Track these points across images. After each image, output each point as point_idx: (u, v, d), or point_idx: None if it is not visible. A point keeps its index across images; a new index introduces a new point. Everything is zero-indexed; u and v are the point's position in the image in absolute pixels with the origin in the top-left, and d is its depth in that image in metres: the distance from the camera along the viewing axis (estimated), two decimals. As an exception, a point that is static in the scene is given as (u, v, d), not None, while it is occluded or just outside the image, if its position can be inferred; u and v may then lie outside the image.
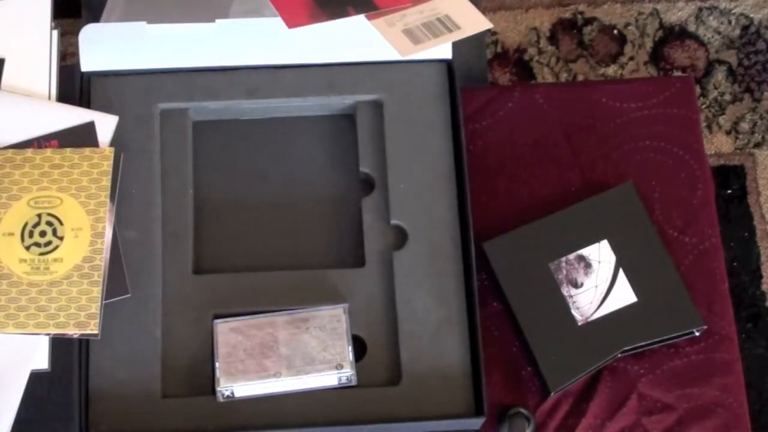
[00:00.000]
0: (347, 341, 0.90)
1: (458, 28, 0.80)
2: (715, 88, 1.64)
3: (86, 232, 0.91)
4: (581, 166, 1.03)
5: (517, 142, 1.04)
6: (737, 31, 1.68)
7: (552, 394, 0.95)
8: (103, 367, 0.91)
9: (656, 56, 1.66)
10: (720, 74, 1.65)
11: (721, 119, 1.63)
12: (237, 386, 0.89)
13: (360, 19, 0.97)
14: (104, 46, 0.98)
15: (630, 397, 0.96)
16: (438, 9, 0.80)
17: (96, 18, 1.05)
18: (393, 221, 0.96)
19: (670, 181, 1.03)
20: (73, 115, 0.96)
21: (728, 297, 1.00)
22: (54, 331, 0.88)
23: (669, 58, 1.66)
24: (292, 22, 0.80)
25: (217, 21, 0.97)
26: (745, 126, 1.63)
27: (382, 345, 0.93)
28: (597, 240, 0.98)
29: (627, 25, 1.67)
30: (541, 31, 1.66)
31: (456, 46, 0.98)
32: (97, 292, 0.89)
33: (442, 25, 0.80)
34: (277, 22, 0.95)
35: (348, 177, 1.00)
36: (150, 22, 0.97)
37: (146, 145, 0.96)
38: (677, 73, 1.64)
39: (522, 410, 0.94)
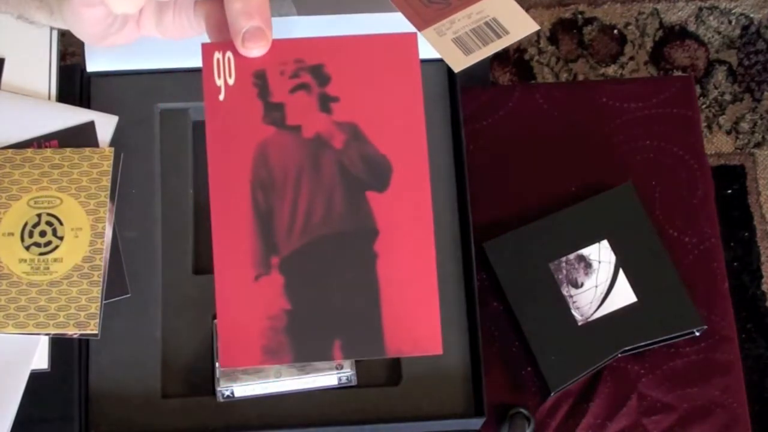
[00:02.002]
0: (347, 341, 0.90)
1: (507, 32, 0.79)
2: (716, 88, 1.65)
3: (86, 232, 0.91)
4: (581, 166, 1.03)
5: (517, 142, 1.04)
6: (737, 31, 1.68)
7: (552, 394, 0.95)
8: (103, 367, 0.91)
9: (656, 56, 1.66)
10: (720, 74, 1.65)
11: (721, 119, 1.63)
12: (237, 386, 0.89)
13: (359, 18, 0.97)
14: (109, 47, 0.98)
15: (630, 397, 0.96)
16: (485, 11, 0.79)
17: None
18: (393, 221, 0.96)
19: (670, 181, 1.03)
20: (73, 115, 0.96)
21: (728, 297, 1.00)
22: (54, 331, 0.88)
23: (669, 57, 1.66)
24: (231, 360, 0.70)
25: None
26: (745, 126, 1.63)
27: (382, 345, 0.93)
28: (597, 240, 0.98)
29: (627, 25, 1.67)
30: (542, 31, 1.66)
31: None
32: (97, 292, 0.89)
33: (491, 30, 0.79)
34: (277, 22, 0.94)
35: (348, 177, 0.99)
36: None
37: (146, 145, 0.96)
38: (677, 73, 1.64)
39: (522, 410, 0.94)
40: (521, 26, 0.78)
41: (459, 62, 0.78)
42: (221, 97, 0.71)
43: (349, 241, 0.69)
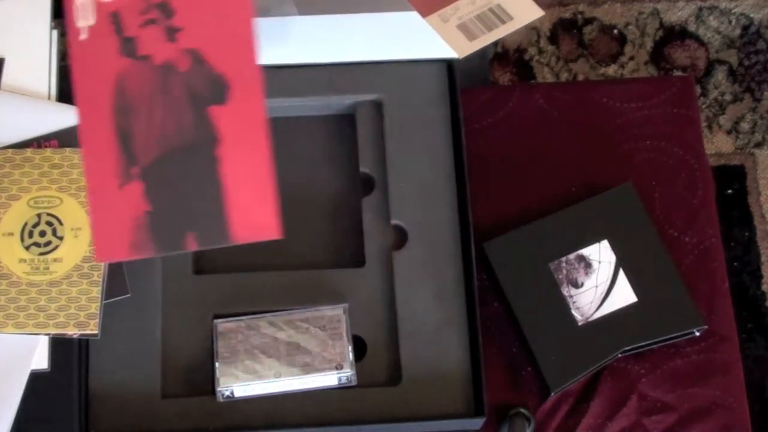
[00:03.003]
0: (347, 341, 0.90)
1: (511, 18, 0.80)
2: (716, 88, 1.64)
3: (86, 232, 0.91)
4: (581, 166, 1.03)
5: (517, 142, 1.04)
6: (737, 31, 1.68)
7: (552, 394, 0.95)
8: (103, 367, 0.91)
9: (656, 56, 1.66)
10: (720, 74, 1.65)
11: (722, 119, 1.63)
12: (237, 386, 0.89)
13: (359, 18, 0.97)
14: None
15: (630, 397, 0.96)
16: None
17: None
18: (393, 221, 0.96)
19: (670, 181, 1.03)
20: (73, 115, 0.96)
21: (728, 297, 1.00)
22: (54, 331, 0.88)
23: (669, 57, 1.66)
24: (103, 255, 0.83)
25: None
26: (745, 126, 1.63)
27: (382, 345, 0.93)
28: (597, 240, 0.98)
29: (627, 24, 1.67)
30: (542, 31, 1.66)
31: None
32: (96, 292, 0.89)
33: (495, 16, 0.79)
34: (276, 21, 0.95)
35: (348, 177, 1.00)
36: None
37: (146, 145, 0.97)
38: (677, 73, 1.64)
39: (522, 410, 0.94)
40: (526, 12, 0.78)
41: (463, 48, 0.78)
42: (82, 36, 0.83)
43: (196, 150, 0.81)
